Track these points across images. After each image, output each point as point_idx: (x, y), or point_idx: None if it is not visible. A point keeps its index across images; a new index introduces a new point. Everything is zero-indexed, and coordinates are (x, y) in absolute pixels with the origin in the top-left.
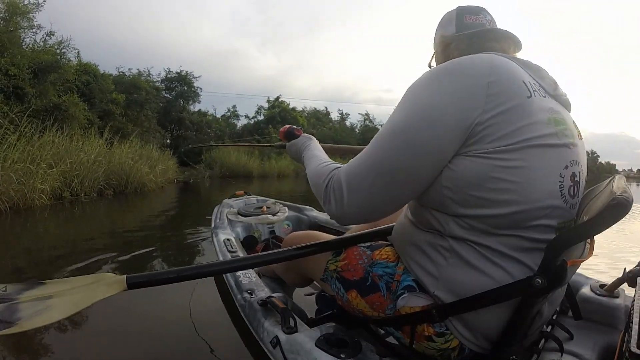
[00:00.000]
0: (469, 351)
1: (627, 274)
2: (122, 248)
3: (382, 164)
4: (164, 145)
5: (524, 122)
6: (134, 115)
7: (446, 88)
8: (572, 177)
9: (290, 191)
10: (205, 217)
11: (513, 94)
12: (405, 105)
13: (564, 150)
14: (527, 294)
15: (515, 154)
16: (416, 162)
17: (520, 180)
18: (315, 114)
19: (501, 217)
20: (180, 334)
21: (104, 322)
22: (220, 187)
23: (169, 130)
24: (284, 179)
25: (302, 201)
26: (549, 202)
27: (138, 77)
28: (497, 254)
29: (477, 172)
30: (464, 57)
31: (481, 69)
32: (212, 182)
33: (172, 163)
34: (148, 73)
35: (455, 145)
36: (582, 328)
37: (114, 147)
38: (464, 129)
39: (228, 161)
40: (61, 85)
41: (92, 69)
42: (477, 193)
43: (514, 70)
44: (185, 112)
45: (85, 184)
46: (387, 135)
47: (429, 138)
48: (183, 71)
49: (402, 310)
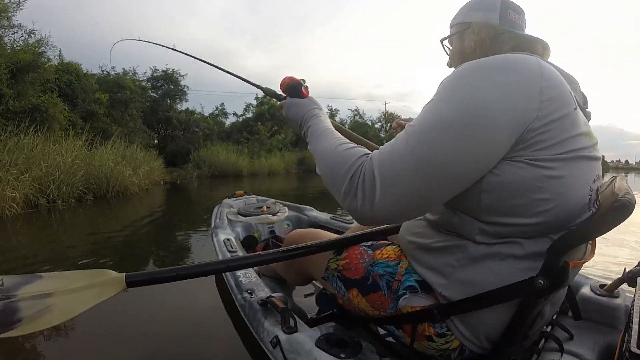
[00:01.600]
0: (469, 352)
1: (627, 274)
2: (102, 255)
3: (425, 158)
4: (150, 145)
5: (572, 133)
6: (118, 115)
7: (500, 85)
8: (596, 191)
9: (281, 189)
10: (194, 222)
11: (564, 103)
12: (453, 97)
13: (595, 164)
14: (529, 295)
15: (561, 163)
16: (465, 159)
17: (561, 191)
18: None
19: (533, 226)
20: (180, 333)
21: (103, 322)
22: (209, 188)
23: (156, 130)
24: (275, 177)
25: (294, 199)
26: (579, 214)
27: (122, 76)
28: (516, 259)
29: (523, 179)
30: (510, 54)
31: (534, 71)
32: (201, 183)
33: (159, 164)
34: (134, 72)
35: (507, 146)
36: (582, 328)
37: (96, 148)
38: (518, 131)
39: (217, 160)
40: (40, 85)
41: (75, 68)
42: (519, 201)
43: (562, 80)
44: (172, 111)
45: (62, 190)
46: (433, 127)
47: (484, 135)
48: (169, 69)
49: (403, 309)
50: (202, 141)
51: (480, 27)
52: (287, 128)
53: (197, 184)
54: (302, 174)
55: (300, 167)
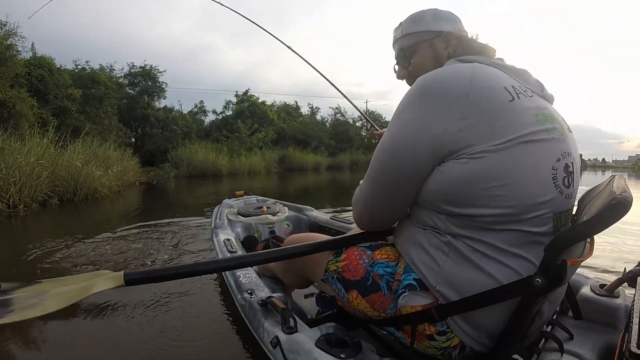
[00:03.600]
0: (469, 349)
1: (627, 274)
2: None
3: (375, 178)
4: (126, 143)
5: (508, 124)
6: (92, 112)
7: (426, 108)
8: (565, 168)
9: (262, 189)
10: (169, 229)
11: (495, 99)
12: (392, 122)
13: (555, 144)
14: (527, 294)
15: (501, 153)
16: (400, 175)
17: (510, 180)
18: (285, 108)
19: (496, 216)
20: (179, 333)
21: (103, 321)
22: (187, 188)
23: (133, 128)
24: (255, 176)
25: (277, 198)
26: (543, 195)
27: (97, 72)
28: (494, 249)
29: (465, 174)
30: (447, 69)
31: (462, 80)
32: (178, 183)
33: (133, 163)
34: (111, 68)
35: (434, 161)
36: (582, 328)
37: (65, 147)
38: (440, 149)
39: (195, 159)
40: (8, 80)
41: (47, 62)
42: (468, 193)
43: (496, 78)
44: (150, 109)
45: (24, 193)
46: (378, 151)
47: (409, 156)
48: (147, 65)
49: (402, 309)
50: (180, 139)
51: (452, 36)
52: (267, 126)
53: (174, 184)
54: (283, 172)
55: (281, 165)
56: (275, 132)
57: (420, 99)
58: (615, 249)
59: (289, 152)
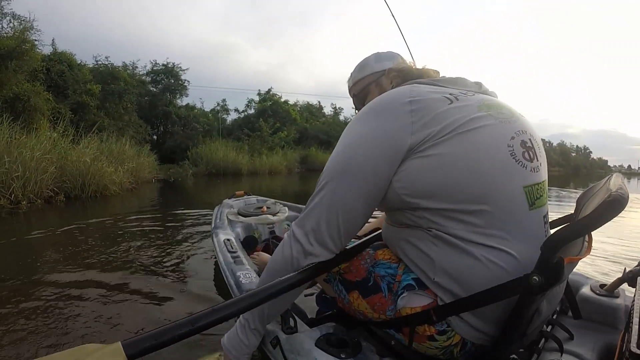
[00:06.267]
0: (471, 345)
1: (627, 274)
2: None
3: (335, 189)
4: (146, 140)
5: (454, 118)
6: (111, 108)
7: (377, 119)
8: (522, 144)
9: (282, 189)
10: (177, 232)
11: (434, 108)
12: (343, 137)
13: (505, 125)
14: (524, 292)
15: (454, 141)
16: (360, 182)
17: (466, 163)
18: (308, 108)
19: (464, 201)
20: None
21: (103, 322)
22: (205, 187)
23: (155, 125)
24: (276, 175)
25: (296, 199)
26: (503, 171)
27: (117, 68)
28: (474, 233)
29: (425, 168)
30: (388, 92)
31: (402, 95)
32: (197, 181)
33: (150, 160)
34: (134, 66)
35: (393, 164)
36: (582, 328)
37: (79, 143)
38: (398, 155)
39: (215, 157)
40: (26, 74)
41: (68, 58)
42: (432, 185)
43: (433, 90)
44: (171, 106)
45: (28, 189)
46: (332, 163)
47: (368, 161)
48: (170, 63)
49: (402, 311)
50: (201, 137)
51: (393, 70)
52: (289, 125)
53: (192, 182)
54: (304, 173)
55: (303, 165)
56: (298, 132)
57: (369, 115)
58: (615, 249)
59: (311, 152)
